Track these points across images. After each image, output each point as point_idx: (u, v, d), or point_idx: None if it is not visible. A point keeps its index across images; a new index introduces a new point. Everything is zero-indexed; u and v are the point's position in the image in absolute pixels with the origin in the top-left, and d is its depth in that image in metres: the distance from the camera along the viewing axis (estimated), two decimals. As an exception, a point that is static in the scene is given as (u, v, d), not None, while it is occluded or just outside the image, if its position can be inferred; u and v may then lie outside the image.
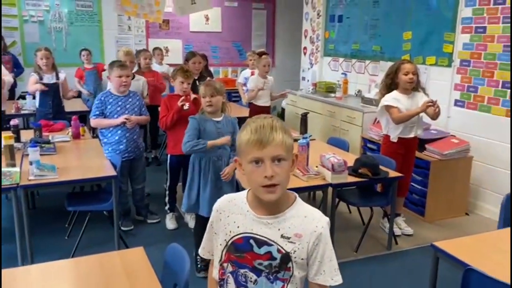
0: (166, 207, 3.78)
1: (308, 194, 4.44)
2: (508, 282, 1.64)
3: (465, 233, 2.26)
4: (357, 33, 5.75)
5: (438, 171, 3.89)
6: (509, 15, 3.77)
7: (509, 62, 3.81)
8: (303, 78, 6.97)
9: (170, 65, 6.41)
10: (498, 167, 3.95)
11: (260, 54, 5.48)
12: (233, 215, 1.35)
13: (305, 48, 6.96)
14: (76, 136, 3.90)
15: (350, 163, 3.28)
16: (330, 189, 3.09)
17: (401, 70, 3.45)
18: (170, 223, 3.75)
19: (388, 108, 3.46)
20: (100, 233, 3.44)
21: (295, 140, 3.41)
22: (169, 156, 3.67)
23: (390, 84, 3.53)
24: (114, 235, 3.13)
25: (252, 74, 5.41)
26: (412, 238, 3.59)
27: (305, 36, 6.92)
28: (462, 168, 4.02)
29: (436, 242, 2.10)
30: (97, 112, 3.52)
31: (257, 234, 1.30)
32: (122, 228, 3.58)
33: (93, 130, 6.28)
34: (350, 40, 5.89)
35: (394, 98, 3.45)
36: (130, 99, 3.61)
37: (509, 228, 2.37)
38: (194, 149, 2.85)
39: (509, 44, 3.80)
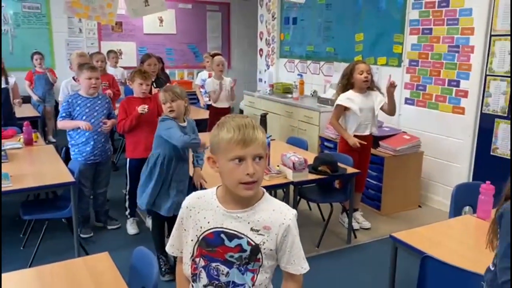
0: (127, 212, 3.71)
1: (270, 193, 4.49)
2: (463, 266, 1.75)
3: (419, 224, 2.39)
4: (311, 35, 5.89)
5: (391, 167, 4.07)
6: (453, 17, 4.01)
7: (455, 62, 4.05)
8: (260, 80, 7.05)
9: (124, 68, 6.30)
10: (446, 161, 4.19)
11: (213, 55, 5.47)
12: (203, 211, 1.38)
13: (261, 50, 7.05)
14: (29, 142, 3.76)
15: (310, 161, 3.37)
16: (291, 187, 3.16)
17: (356, 70, 3.59)
18: (131, 228, 3.68)
19: (336, 107, 3.61)
20: (58, 241, 3.33)
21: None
22: (128, 160, 3.61)
23: (346, 84, 3.66)
24: (74, 242, 3.04)
25: (210, 76, 5.41)
26: (370, 231, 3.73)
27: (261, 38, 7.00)
28: (414, 163, 4.23)
29: (394, 233, 2.21)
30: (64, 114, 3.45)
31: (228, 228, 1.34)
32: (82, 235, 3.48)
33: (46, 137, 6.09)
34: (305, 42, 6.02)
35: (348, 98, 3.58)
36: (99, 101, 3.55)
37: (459, 217, 2.54)
38: (192, 142, 2.81)
39: (453, 44, 4.04)
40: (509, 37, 3.59)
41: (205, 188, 2.31)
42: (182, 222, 1.43)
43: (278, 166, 3.24)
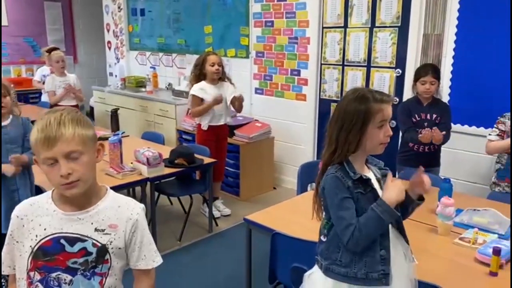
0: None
1: (128, 192, 4.33)
2: (308, 238, 1.91)
3: (274, 204, 2.56)
4: (161, 27, 5.78)
5: (247, 153, 4.26)
6: (290, 11, 4.34)
7: (295, 52, 4.39)
8: (111, 74, 6.69)
9: None
10: (294, 144, 4.55)
11: (50, 51, 4.91)
12: (37, 218, 1.26)
13: (109, 42, 6.68)
14: None
15: (166, 155, 3.33)
16: (149, 184, 3.08)
17: (207, 61, 3.66)
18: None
19: (191, 97, 3.65)
20: None
21: (106, 138, 3.29)
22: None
23: (199, 75, 3.71)
24: None
25: (52, 72, 4.94)
26: (231, 217, 3.87)
27: (108, 30, 6.63)
28: (267, 148, 4.50)
29: (247, 216, 2.33)
30: None
31: (68, 232, 1.24)
32: None
33: None
34: (155, 34, 5.89)
35: (201, 88, 3.63)
36: None
37: (305, 193, 2.78)
38: None
39: (293, 36, 4.37)
40: (337, 29, 4.03)
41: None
42: (13, 235, 1.28)
43: (131, 163, 3.13)
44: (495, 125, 2.68)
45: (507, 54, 3.08)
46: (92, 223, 1.26)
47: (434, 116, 2.93)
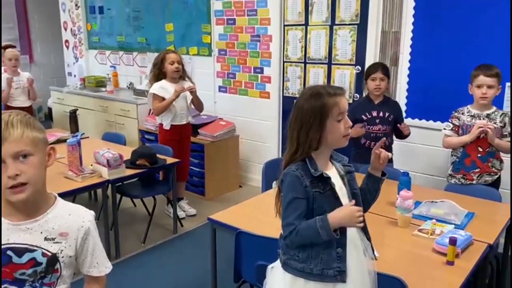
0: None
1: (89, 195, 4.22)
2: (271, 235, 1.92)
3: (240, 203, 2.56)
4: (120, 25, 5.65)
5: (211, 152, 4.23)
6: (252, 8, 4.33)
7: (257, 50, 4.39)
8: (70, 74, 6.48)
9: None
10: (259, 142, 4.55)
11: (5, 48, 4.77)
12: None
13: (67, 41, 6.47)
14: None
15: (128, 156, 3.26)
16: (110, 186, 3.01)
17: (167, 60, 3.60)
18: None
19: (152, 96, 3.58)
20: None
21: (65, 140, 3.19)
22: None
23: (158, 74, 3.65)
24: None
25: (6, 71, 4.73)
26: (196, 217, 3.83)
27: (65, 29, 6.42)
28: (232, 146, 4.48)
29: (211, 215, 2.31)
30: None
31: (16, 243, 1.19)
32: None
33: None
34: (115, 32, 5.75)
35: (161, 87, 3.58)
36: None
37: (270, 190, 2.78)
38: None
39: (255, 34, 4.37)
40: (299, 27, 4.06)
41: None
42: None
43: (91, 165, 3.04)
44: (449, 120, 2.78)
45: (461, 50, 3.20)
46: (41, 232, 1.22)
47: (386, 114, 3.02)
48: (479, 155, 2.65)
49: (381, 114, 3.02)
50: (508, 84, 3.02)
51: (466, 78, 2.71)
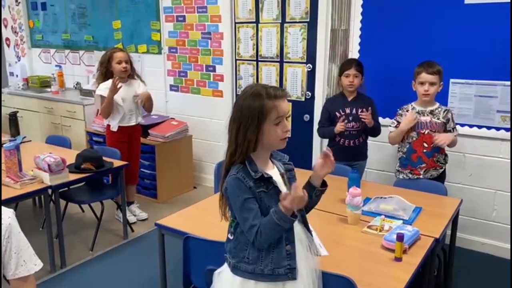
0: None
1: (33, 202, 3.98)
2: (220, 239, 1.86)
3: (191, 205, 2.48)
4: (65, 22, 5.39)
5: (163, 153, 4.11)
6: (202, 5, 4.24)
7: (209, 48, 4.30)
8: (11, 74, 6.11)
9: None
10: (213, 141, 4.47)
11: None
12: None
13: (7, 39, 6.10)
14: None
15: (72, 160, 3.10)
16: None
17: (114, 59, 3.47)
18: None
19: (99, 97, 3.45)
20: None
21: (2, 145, 2.98)
22: None
23: (105, 73, 3.52)
24: None
25: None
26: (148, 221, 3.70)
27: (5, 26, 6.05)
28: (184, 146, 4.37)
29: (159, 220, 2.22)
30: None
31: None
32: None
33: None
34: (59, 30, 5.48)
35: (108, 87, 3.42)
36: None
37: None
38: None
39: (206, 31, 4.28)
40: (250, 24, 4.01)
41: None
42: None
43: (32, 170, 2.86)
44: (394, 118, 2.83)
45: (407, 47, 3.26)
46: None
47: (359, 110, 3.01)
48: (424, 150, 2.71)
49: (354, 111, 3.02)
50: (452, 80, 3.12)
51: (412, 75, 2.77)
